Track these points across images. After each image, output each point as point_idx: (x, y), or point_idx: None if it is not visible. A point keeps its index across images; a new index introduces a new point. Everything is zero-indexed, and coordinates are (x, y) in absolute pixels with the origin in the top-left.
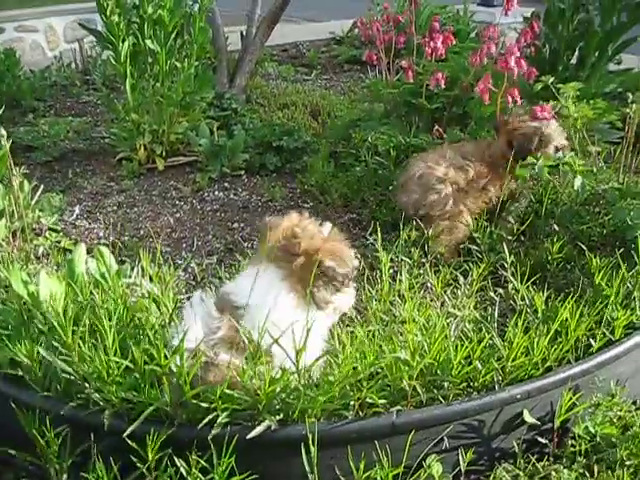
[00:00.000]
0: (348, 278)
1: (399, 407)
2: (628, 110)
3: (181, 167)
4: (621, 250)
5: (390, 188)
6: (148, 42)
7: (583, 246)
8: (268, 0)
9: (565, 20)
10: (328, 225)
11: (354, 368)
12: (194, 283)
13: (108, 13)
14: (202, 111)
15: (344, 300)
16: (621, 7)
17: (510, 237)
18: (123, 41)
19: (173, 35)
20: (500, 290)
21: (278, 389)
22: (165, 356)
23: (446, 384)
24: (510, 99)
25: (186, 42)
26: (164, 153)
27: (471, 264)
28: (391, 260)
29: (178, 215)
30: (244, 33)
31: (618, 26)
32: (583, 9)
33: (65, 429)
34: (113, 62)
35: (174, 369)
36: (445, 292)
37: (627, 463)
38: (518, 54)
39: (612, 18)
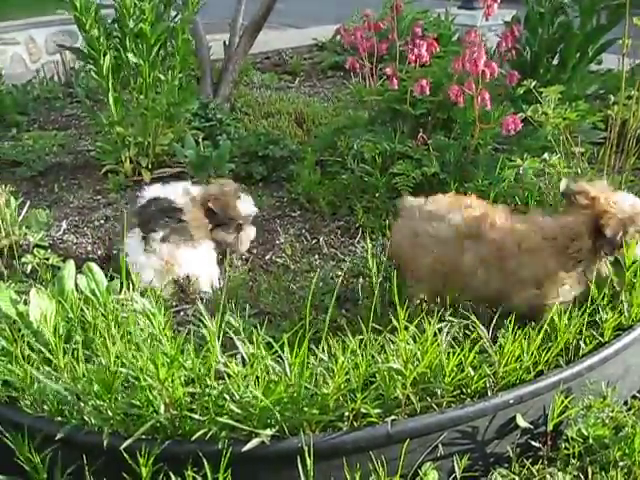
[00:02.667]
0: None
1: (393, 416)
2: (610, 112)
3: (167, 178)
4: None
5: (377, 195)
6: (130, 56)
7: None
8: (250, 9)
9: (545, 23)
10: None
11: (347, 380)
12: (183, 296)
13: (87, 28)
14: (187, 122)
15: None
16: (600, 9)
17: None
18: (104, 55)
19: (156, 48)
20: None
21: (272, 402)
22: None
23: (439, 391)
24: (480, 101)
25: (169, 54)
26: (150, 165)
27: None
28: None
29: None
30: (227, 42)
31: (598, 28)
32: (562, 12)
33: (56, 450)
34: (95, 76)
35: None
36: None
37: (620, 464)
38: (485, 57)
39: (591, 20)
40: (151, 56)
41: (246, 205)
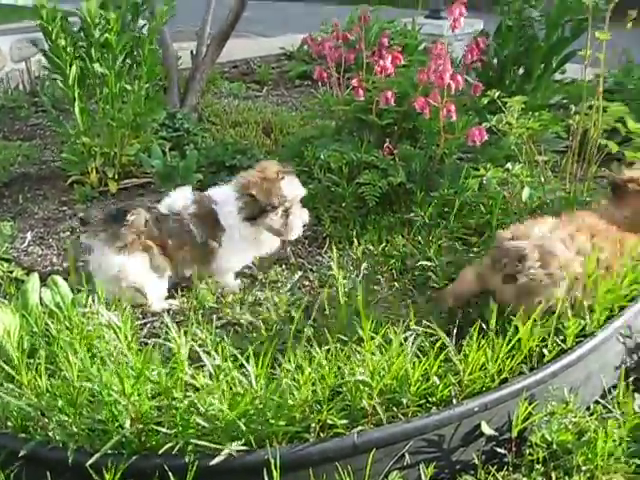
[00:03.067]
0: None
1: (360, 427)
2: (572, 121)
3: (134, 189)
4: None
5: (344, 205)
6: (96, 66)
7: None
8: (218, 16)
9: (513, 36)
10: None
11: (314, 391)
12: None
13: (53, 37)
14: (154, 132)
15: None
16: (564, 22)
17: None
18: (70, 65)
19: (121, 57)
20: None
21: (238, 415)
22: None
23: (405, 401)
24: (446, 113)
25: (136, 64)
26: (116, 175)
27: (426, 278)
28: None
29: None
30: (194, 52)
31: (561, 40)
32: (529, 25)
33: (21, 467)
34: (61, 86)
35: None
36: (403, 305)
37: (583, 468)
38: (451, 70)
39: (556, 32)
40: (117, 66)
41: (292, 187)
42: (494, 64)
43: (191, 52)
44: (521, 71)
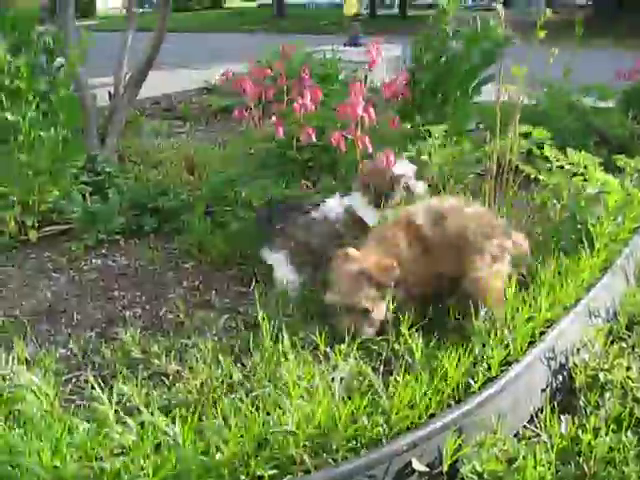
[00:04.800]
0: None
1: (289, 476)
2: (487, 149)
3: (56, 236)
4: None
5: None
6: (8, 114)
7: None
8: (136, 49)
9: (429, 64)
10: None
11: (241, 443)
12: (74, 362)
13: None
14: (74, 177)
15: None
16: (477, 51)
17: None
18: None
19: (34, 104)
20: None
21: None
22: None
23: (334, 445)
24: (361, 146)
25: (51, 110)
26: (36, 223)
27: None
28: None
29: (55, 288)
30: (112, 92)
31: (475, 68)
32: (444, 53)
33: None
34: None
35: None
36: (331, 345)
37: None
38: (364, 103)
39: (470, 61)
40: (30, 113)
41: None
42: (413, 93)
43: (109, 92)
44: (439, 97)
